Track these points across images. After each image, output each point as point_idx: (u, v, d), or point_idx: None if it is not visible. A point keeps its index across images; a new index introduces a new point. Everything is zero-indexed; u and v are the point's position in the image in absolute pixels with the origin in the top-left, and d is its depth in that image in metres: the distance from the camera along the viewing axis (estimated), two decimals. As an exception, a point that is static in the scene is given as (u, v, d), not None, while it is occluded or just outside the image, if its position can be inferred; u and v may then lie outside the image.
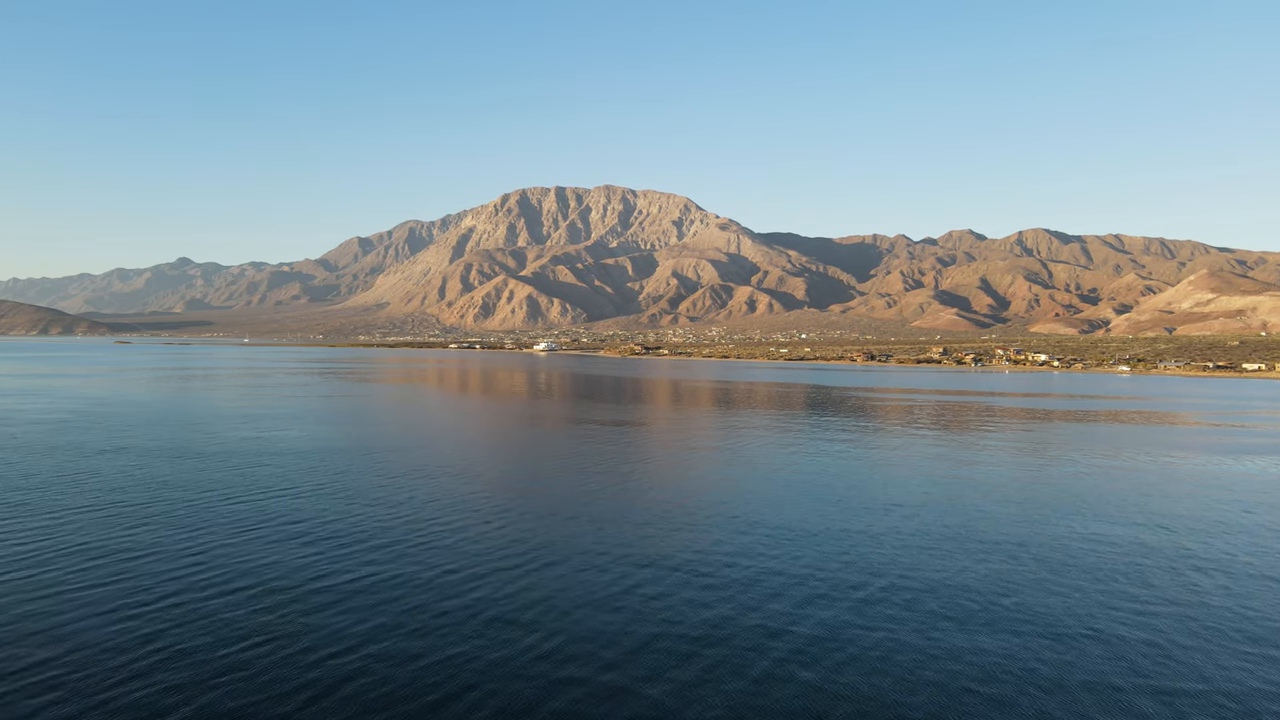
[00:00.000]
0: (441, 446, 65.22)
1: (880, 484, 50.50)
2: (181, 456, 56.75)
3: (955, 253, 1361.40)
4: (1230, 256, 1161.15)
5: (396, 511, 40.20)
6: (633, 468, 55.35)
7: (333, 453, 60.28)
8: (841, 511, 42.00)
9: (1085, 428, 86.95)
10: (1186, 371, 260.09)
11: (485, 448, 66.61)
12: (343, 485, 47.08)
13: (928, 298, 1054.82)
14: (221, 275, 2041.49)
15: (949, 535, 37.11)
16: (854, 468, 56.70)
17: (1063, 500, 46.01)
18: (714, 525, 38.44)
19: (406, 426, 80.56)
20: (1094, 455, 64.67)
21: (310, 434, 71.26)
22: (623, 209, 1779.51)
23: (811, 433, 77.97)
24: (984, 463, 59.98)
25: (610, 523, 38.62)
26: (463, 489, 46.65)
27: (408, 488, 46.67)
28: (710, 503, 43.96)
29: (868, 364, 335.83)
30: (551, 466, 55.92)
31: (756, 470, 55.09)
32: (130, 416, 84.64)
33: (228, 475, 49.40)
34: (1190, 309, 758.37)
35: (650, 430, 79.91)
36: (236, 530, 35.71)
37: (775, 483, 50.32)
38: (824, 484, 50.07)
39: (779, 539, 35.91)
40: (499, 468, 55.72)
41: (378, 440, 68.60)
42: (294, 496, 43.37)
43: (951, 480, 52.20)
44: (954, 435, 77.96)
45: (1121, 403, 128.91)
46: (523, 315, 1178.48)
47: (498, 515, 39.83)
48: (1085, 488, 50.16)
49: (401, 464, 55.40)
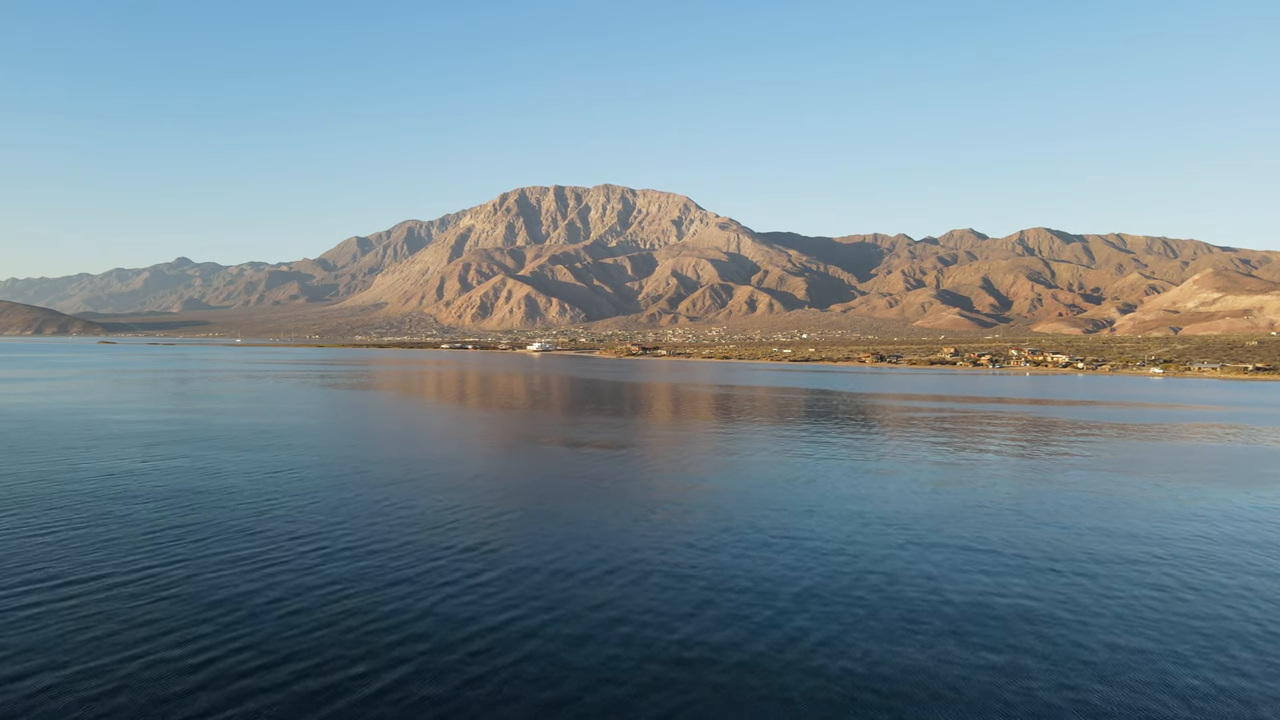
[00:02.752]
0: (377, 473, 57.21)
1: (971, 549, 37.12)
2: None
3: (956, 252, 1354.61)
4: (1234, 256, 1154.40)
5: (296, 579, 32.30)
6: (622, 524, 41.48)
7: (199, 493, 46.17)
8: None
9: (1177, 448, 73.57)
10: (1224, 375, 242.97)
11: (422, 484, 58.05)
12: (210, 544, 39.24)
13: (929, 297, 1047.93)
14: (220, 275, 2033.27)
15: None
16: (917, 508, 46.51)
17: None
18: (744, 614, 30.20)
19: (342, 453, 62.21)
20: (1211, 488, 56.12)
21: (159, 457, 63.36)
22: (622, 208, 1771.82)
23: (844, 457, 64.36)
24: (1092, 506, 47.45)
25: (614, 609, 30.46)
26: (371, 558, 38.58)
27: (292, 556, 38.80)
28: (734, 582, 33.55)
29: (877, 365, 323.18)
30: (512, 520, 47.81)
31: (792, 535, 46.31)
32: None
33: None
34: (1196, 308, 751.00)
35: (642, 460, 62.96)
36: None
37: (826, 560, 34.81)
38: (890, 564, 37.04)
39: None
40: (435, 518, 47.59)
41: (291, 476, 51.48)
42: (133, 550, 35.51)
43: (1068, 537, 41.42)
44: (1032, 461, 64.60)
45: (1183, 413, 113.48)
46: (521, 315, 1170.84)
47: (427, 589, 31.86)
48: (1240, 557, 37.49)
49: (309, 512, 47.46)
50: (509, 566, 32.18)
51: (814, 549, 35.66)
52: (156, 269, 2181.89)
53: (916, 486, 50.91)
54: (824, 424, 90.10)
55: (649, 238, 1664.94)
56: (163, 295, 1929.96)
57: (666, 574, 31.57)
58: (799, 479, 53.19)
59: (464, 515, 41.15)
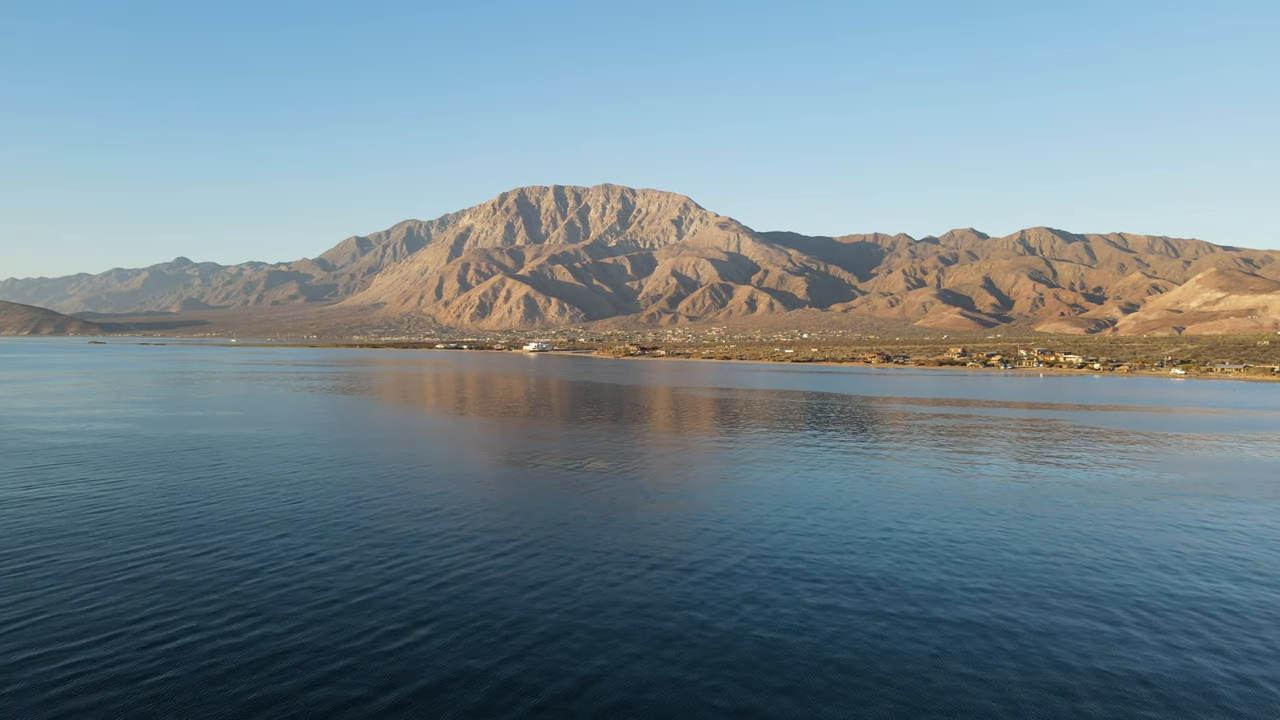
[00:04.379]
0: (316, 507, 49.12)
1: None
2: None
3: (957, 251, 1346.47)
4: (1236, 255, 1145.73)
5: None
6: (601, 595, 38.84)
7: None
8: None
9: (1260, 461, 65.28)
10: (1249, 376, 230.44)
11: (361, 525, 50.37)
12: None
13: (930, 297, 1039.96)
14: (219, 275, 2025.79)
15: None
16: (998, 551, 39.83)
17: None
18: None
19: (279, 475, 52.74)
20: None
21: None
22: (622, 208, 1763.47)
23: (876, 475, 55.88)
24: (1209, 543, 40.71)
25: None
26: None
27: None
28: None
29: (883, 366, 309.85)
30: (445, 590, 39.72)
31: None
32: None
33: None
34: (1199, 308, 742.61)
35: (633, 488, 53.60)
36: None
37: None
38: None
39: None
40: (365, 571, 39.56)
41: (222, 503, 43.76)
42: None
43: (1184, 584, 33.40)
44: (1091, 475, 57.70)
45: (1230, 420, 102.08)
46: (520, 315, 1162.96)
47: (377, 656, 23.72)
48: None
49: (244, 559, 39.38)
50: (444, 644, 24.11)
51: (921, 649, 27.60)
52: (156, 269, 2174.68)
53: (980, 519, 42.76)
54: (842, 433, 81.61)
55: (649, 237, 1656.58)
56: (162, 295, 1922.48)
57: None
58: (830, 512, 45.05)
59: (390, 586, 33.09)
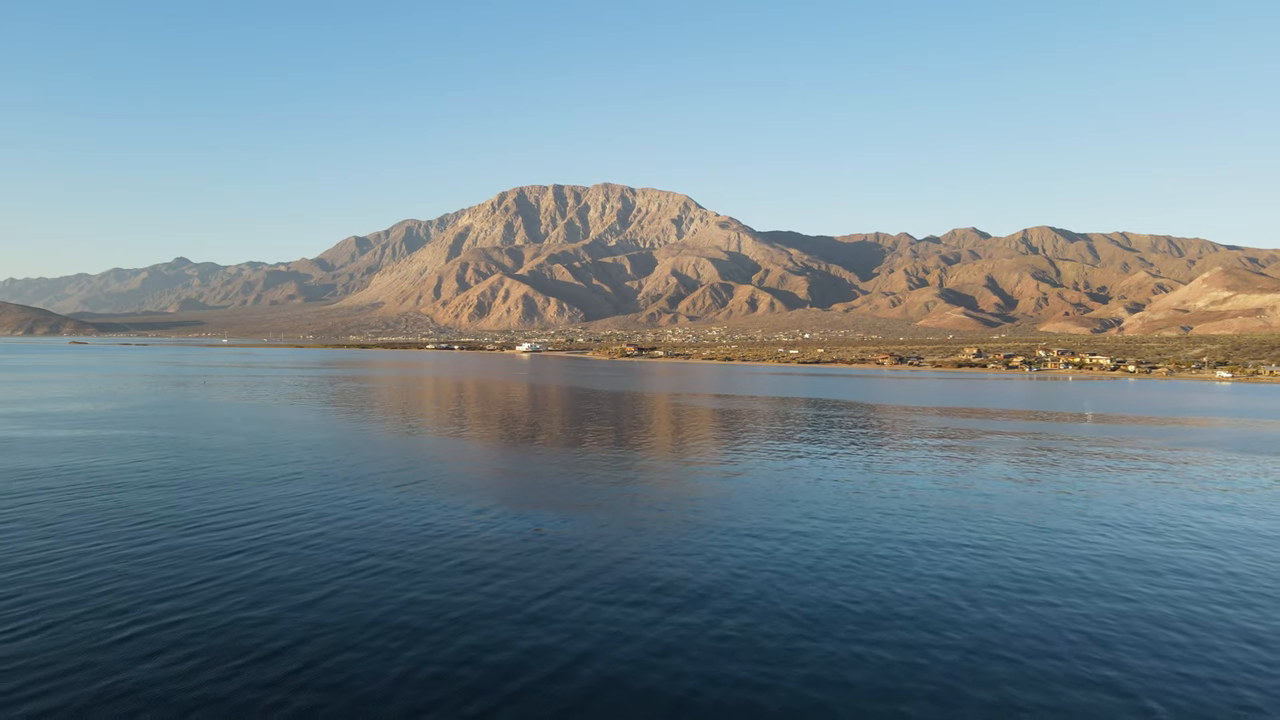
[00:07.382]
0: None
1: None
2: None
3: (959, 251, 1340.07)
4: (1241, 254, 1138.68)
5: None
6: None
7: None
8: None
9: None
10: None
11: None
12: None
13: (933, 296, 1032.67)
14: (218, 275, 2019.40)
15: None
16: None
17: None
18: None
19: (154, 513, 40.93)
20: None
21: None
22: (621, 207, 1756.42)
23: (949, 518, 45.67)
24: None
25: None
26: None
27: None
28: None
29: (896, 368, 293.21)
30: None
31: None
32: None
33: None
34: (1206, 307, 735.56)
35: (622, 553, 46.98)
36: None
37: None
38: None
39: None
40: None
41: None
42: None
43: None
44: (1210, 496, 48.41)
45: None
46: (519, 315, 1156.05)
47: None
48: None
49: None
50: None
51: None
52: (155, 269, 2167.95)
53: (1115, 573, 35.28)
54: (889, 457, 71.83)
55: (648, 237, 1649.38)
56: (161, 295, 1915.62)
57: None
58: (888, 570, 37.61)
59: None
